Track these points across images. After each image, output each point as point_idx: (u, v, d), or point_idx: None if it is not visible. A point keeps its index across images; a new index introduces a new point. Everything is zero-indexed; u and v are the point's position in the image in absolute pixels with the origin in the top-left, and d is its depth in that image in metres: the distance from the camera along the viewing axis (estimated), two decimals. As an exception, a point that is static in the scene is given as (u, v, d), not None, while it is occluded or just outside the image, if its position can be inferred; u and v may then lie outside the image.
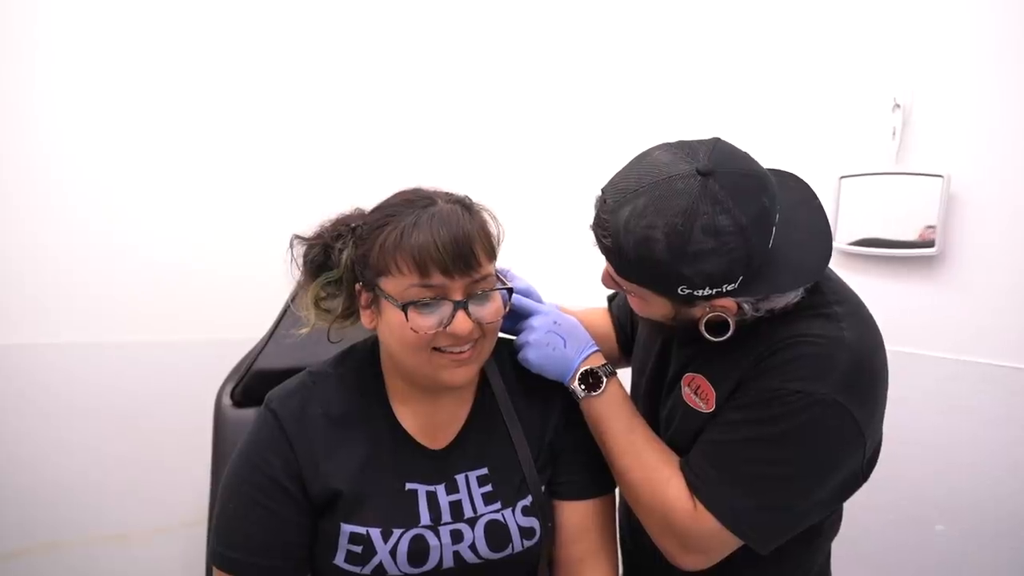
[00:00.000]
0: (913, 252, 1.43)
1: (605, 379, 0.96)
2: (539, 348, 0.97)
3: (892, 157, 1.45)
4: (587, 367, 0.97)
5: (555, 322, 0.98)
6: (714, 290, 0.81)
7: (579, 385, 0.96)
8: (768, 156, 1.42)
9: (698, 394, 0.95)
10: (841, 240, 1.51)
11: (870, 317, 0.93)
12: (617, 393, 0.98)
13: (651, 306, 0.90)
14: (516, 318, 1.01)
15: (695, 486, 0.89)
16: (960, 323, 1.40)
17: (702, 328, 0.88)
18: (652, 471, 0.93)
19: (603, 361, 0.99)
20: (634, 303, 0.94)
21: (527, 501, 0.94)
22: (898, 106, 1.43)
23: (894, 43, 1.46)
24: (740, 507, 0.87)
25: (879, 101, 1.47)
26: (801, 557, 1.03)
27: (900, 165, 1.44)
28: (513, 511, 0.93)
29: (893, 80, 1.45)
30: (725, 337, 0.88)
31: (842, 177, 1.51)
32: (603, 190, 0.87)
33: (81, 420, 1.61)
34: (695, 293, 0.81)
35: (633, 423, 0.97)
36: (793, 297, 0.87)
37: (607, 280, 0.94)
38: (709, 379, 0.94)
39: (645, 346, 1.11)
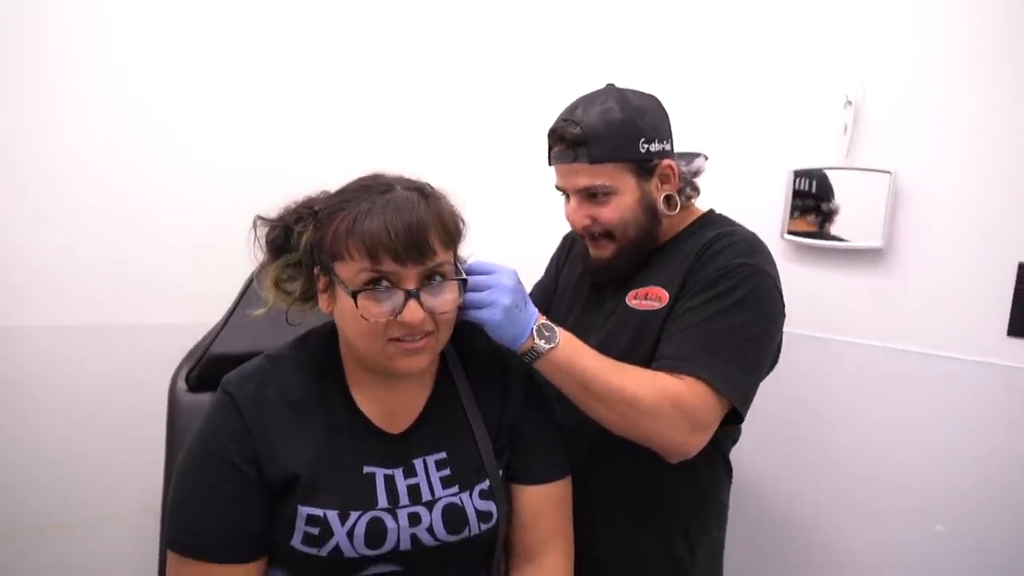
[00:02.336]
0: (859, 245, 1.48)
1: (556, 328, 0.99)
2: (508, 312, 0.94)
3: (843, 152, 1.49)
4: (538, 323, 0.98)
5: (519, 281, 0.99)
6: (661, 144, 1.09)
7: (538, 341, 0.97)
8: (723, 147, 1.47)
9: (649, 298, 1.12)
10: (790, 231, 1.56)
11: None
12: (570, 335, 1.01)
13: (623, 196, 1.10)
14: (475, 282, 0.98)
15: (679, 367, 1.00)
16: (902, 315, 1.45)
17: (661, 204, 1.12)
18: (641, 376, 1.00)
19: (544, 317, 1.00)
20: (607, 210, 1.10)
21: (484, 485, 0.95)
22: (850, 103, 1.47)
23: (847, 41, 1.51)
24: (723, 371, 1.00)
25: (832, 97, 1.51)
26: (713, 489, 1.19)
27: (851, 160, 1.49)
28: (470, 495, 0.94)
29: (845, 77, 1.49)
30: (675, 211, 1.13)
31: (794, 170, 1.55)
32: (557, 120, 1.12)
33: (29, 405, 1.57)
34: (651, 148, 1.08)
35: (592, 352, 1.01)
36: (703, 162, 1.21)
37: (576, 212, 1.13)
38: (655, 285, 1.12)
39: (569, 302, 1.28)
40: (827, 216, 1.53)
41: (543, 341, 0.97)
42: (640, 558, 1.15)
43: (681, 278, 1.09)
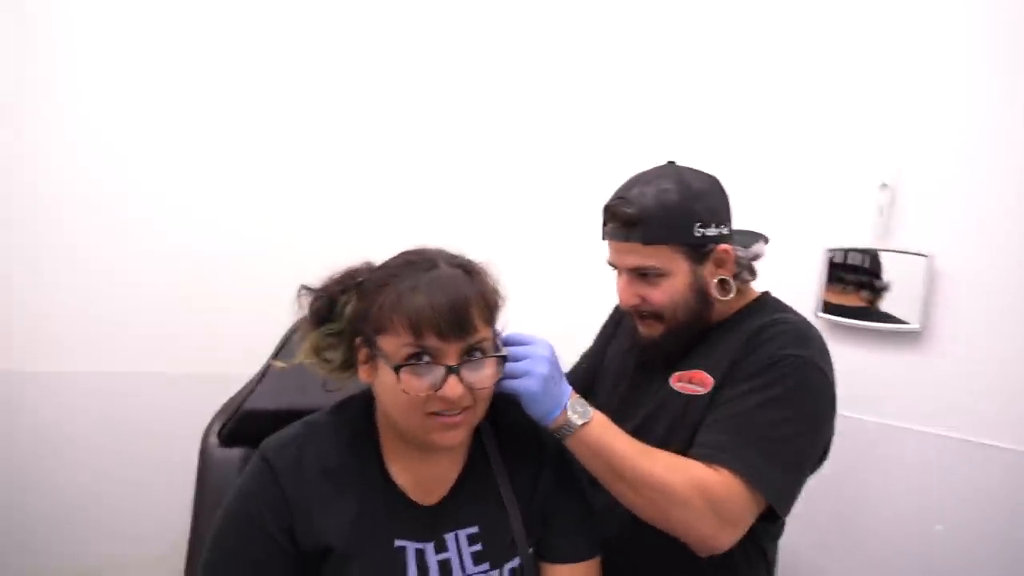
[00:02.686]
0: (897, 327, 1.47)
1: (589, 406, 0.98)
2: (544, 383, 0.94)
3: (880, 234, 1.49)
4: (572, 399, 0.98)
5: (553, 354, 0.98)
6: (718, 229, 1.07)
7: (571, 416, 0.96)
8: (759, 225, 1.47)
9: (692, 382, 1.10)
10: (826, 310, 1.55)
11: None
12: (603, 416, 0.99)
13: (674, 278, 1.08)
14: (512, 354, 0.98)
15: (716, 458, 0.97)
16: (938, 398, 1.43)
17: (712, 289, 1.09)
18: (673, 462, 0.97)
19: (576, 397, 1.00)
20: (657, 292, 1.09)
21: (515, 563, 0.94)
22: (885, 185, 1.48)
23: (883, 124, 1.53)
24: (760, 466, 0.96)
25: (867, 180, 1.53)
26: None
27: (887, 242, 1.49)
28: (501, 572, 0.93)
29: (881, 160, 1.51)
30: (729, 296, 1.10)
31: (829, 249, 1.55)
32: (613, 197, 1.11)
33: (57, 450, 1.59)
34: (707, 233, 1.06)
35: (626, 435, 0.99)
36: (762, 247, 1.18)
37: (626, 290, 1.12)
38: (701, 369, 1.09)
39: (614, 376, 1.26)
40: (878, 293, 1.52)
41: (576, 416, 0.97)
42: None
43: (728, 365, 1.07)
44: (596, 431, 0.97)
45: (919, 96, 1.48)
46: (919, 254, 1.43)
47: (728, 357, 1.07)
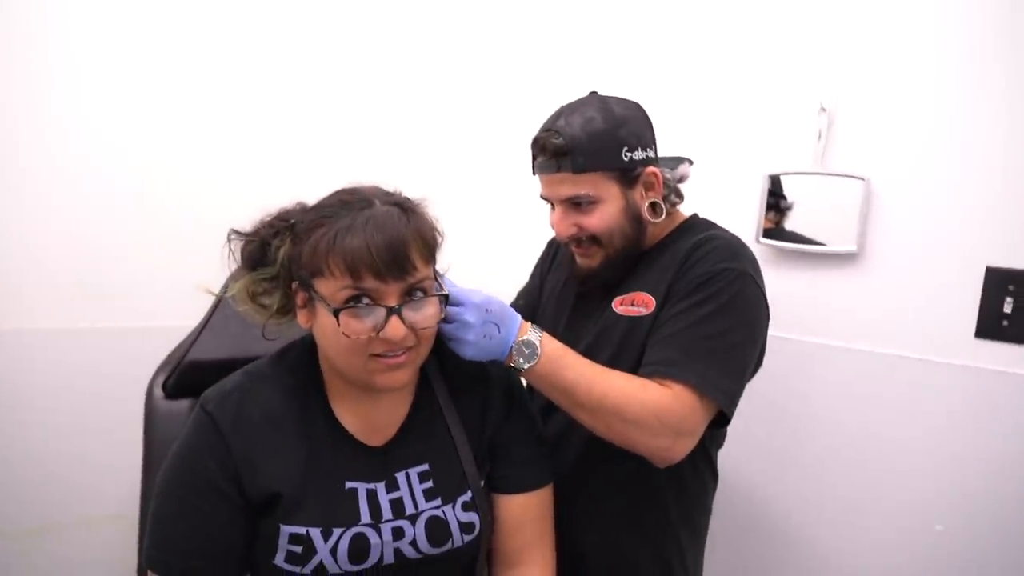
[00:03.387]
0: (834, 249, 1.50)
1: (538, 342, 0.99)
2: (477, 343, 0.96)
3: (818, 158, 1.51)
4: (520, 340, 0.99)
5: (487, 311, 0.97)
6: (644, 152, 1.11)
7: (517, 359, 0.98)
8: (700, 152, 1.48)
9: (635, 304, 1.13)
10: (775, 236, 1.58)
11: None
12: (554, 345, 1.01)
13: (607, 204, 1.10)
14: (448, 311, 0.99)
15: (666, 372, 1.01)
16: (875, 317, 1.49)
17: (645, 212, 1.13)
18: (626, 384, 1.00)
19: (529, 327, 1.01)
20: (592, 219, 1.11)
21: (467, 496, 0.96)
22: (824, 110, 1.49)
23: (821, 48, 1.52)
24: (708, 374, 1.01)
25: (806, 104, 1.53)
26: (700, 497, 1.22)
27: (825, 166, 1.51)
28: (453, 507, 0.94)
29: (820, 84, 1.51)
30: (661, 218, 1.14)
31: (769, 175, 1.57)
32: (540, 131, 1.12)
33: (4, 409, 1.54)
34: (634, 157, 1.09)
35: (580, 361, 1.02)
36: (687, 168, 1.22)
37: (562, 221, 1.13)
38: (641, 291, 1.13)
39: (555, 308, 1.29)
40: (783, 213, 1.57)
41: (522, 360, 0.99)
42: (629, 562, 1.16)
43: (667, 284, 1.10)
44: (546, 368, 0.99)
45: (858, 19, 1.48)
46: (856, 177, 1.46)
47: (667, 277, 1.11)
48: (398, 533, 0.90)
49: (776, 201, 1.58)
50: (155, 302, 1.65)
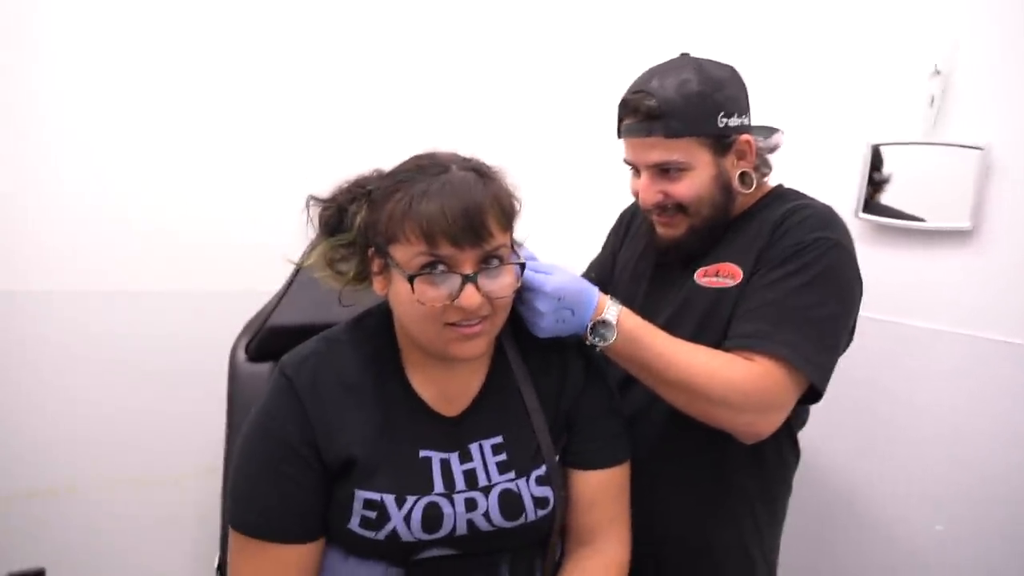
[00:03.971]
0: (944, 225, 1.39)
1: (614, 320, 0.96)
2: (549, 328, 0.95)
3: (929, 126, 1.39)
4: (595, 321, 0.96)
5: (559, 299, 0.95)
6: (739, 119, 1.05)
7: (593, 339, 0.96)
8: (798, 120, 1.39)
9: (720, 275, 1.08)
10: (869, 210, 1.47)
11: None
12: (633, 321, 0.98)
13: (698, 172, 1.05)
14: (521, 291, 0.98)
15: (755, 345, 0.97)
16: (987, 301, 1.36)
17: (736, 182, 1.08)
18: (709, 361, 0.97)
19: (606, 304, 0.98)
20: (681, 186, 1.06)
21: (541, 471, 0.94)
22: (938, 72, 1.37)
23: (936, 6, 1.39)
24: (801, 347, 0.96)
25: (918, 66, 1.40)
26: (779, 469, 1.16)
27: (937, 135, 1.39)
28: (527, 480, 0.92)
29: (934, 44, 1.38)
30: (751, 188, 1.09)
31: (874, 145, 1.46)
32: (629, 91, 1.07)
33: (96, 369, 1.62)
34: (729, 123, 1.03)
35: (660, 336, 0.99)
36: (781, 137, 1.15)
37: (649, 188, 1.08)
38: (727, 261, 1.07)
39: (631, 280, 1.25)
40: (878, 186, 1.46)
41: (598, 339, 0.96)
42: (706, 540, 1.13)
43: (755, 254, 1.05)
44: (624, 345, 0.97)
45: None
46: (973, 147, 1.33)
47: (755, 247, 1.06)
48: (471, 504, 0.89)
49: (870, 174, 1.47)
50: (241, 266, 1.70)
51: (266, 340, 1.27)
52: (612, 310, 0.97)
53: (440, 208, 0.80)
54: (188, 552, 1.73)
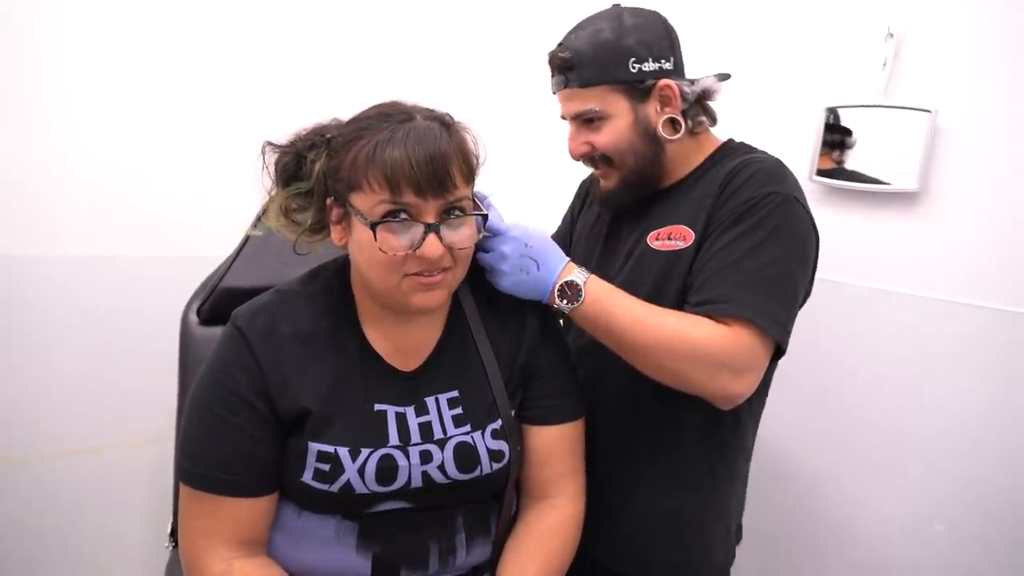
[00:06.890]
0: (892, 188, 1.42)
1: (582, 284, 0.96)
2: (512, 275, 0.95)
3: (881, 89, 1.41)
4: (562, 281, 0.96)
5: (526, 245, 0.95)
6: (657, 63, 1.03)
7: (560, 301, 0.96)
8: (752, 83, 1.39)
9: (672, 238, 1.05)
10: (821, 174, 1.49)
11: None
12: (600, 286, 0.98)
13: (616, 120, 1.04)
14: (485, 238, 0.97)
15: (719, 310, 0.95)
16: (934, 262, 1.40)
17: (660, 128, 1.05)
18: (678, 325, 0.95)
19: (575, 268, 0.98)
20: (601, 136, 1.05)
21: (497, 424, 0.94)
22: (891, 35, 1.38)
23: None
24: (766, 308, 0.94)
25: (871, 30, 1.42)
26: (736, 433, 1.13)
27: (888, 98, 1.41)
28: (483, 434, 0.93)
29: (888, 7, 1.40)
30: (678, 136, 1.06)
31: (827, 108, 1.48)
32: (551, 50, 1.07)
33: (44, 335, 1.57)
34: (643, 68, 1.02)
35: (628, 300, 0.98)
36: (714, 82, 1.07)
37: (574, 139, 1.08)
38: (678, 224, 1.05)
39: (586, 245, 1.23)
40: (846, 151, 1.47)
41: (565, 301, 0.96)
42: (664, 508, 1.11)
43: (706, 214, 1.03)
44: (592, 308, 0.96)
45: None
46: (921, 109, 1.36)
47: (705, 206, 1.03)
48: (426, 456, 0.89)
49: (842, 139, 1.47)
50: (191, 231, 1.66)
51: (219, 302, 1.24)
52: (580, 274, 0.97)
53: (405, 155, 0.79)
54: (140, 519, 1.71)
